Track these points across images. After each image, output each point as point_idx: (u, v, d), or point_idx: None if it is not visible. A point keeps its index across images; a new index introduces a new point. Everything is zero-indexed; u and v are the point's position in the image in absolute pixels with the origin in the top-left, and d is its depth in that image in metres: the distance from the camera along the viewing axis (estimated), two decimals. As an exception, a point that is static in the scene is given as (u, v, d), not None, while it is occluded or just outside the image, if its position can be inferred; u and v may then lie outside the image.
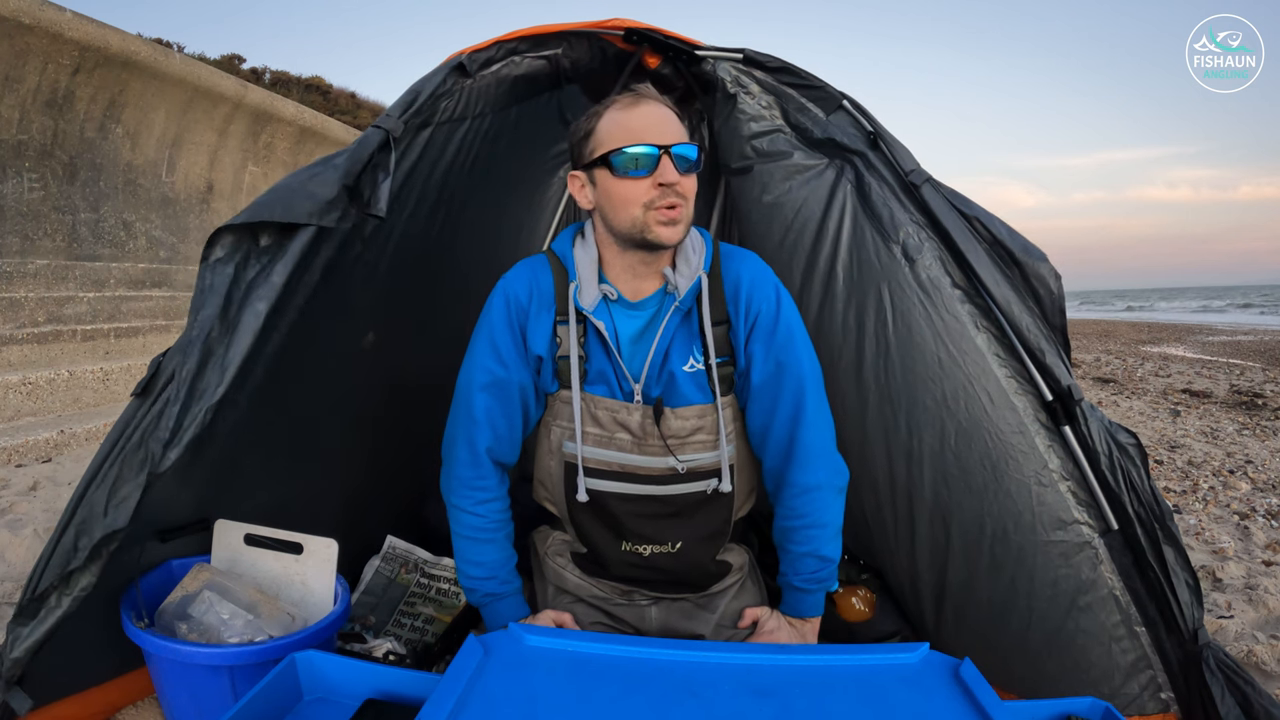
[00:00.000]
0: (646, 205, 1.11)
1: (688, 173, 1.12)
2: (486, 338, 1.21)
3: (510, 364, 1.20)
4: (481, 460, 1.22)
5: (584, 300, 1.17)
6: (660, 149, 1.09)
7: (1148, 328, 18.44)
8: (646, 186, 1.10)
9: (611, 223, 1.15)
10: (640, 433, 1.18)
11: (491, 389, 1.20)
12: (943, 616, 1.36)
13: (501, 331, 1.20)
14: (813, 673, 0.86)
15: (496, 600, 1.24)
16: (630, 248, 1.16)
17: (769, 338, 1.19)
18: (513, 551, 1.27)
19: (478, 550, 1.23)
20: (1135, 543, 1.14)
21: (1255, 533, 2.47)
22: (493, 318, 1.21)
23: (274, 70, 15.82)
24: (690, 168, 1.13)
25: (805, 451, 1.19)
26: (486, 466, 1.22)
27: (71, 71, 3.46)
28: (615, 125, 1.12)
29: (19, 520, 2.06)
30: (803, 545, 1.21)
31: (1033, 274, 1.21)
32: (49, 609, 1.00)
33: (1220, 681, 1.12)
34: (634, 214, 1.12)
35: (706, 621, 1.27)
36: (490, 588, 1.24)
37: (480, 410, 1.20)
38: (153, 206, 4.24)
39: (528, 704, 0.78)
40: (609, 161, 1.11)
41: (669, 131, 1.11)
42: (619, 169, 1.11)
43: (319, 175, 1.10)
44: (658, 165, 1.09)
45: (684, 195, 1.12)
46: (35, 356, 3.45)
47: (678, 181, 1.10)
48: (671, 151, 1.10)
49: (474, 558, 1.23)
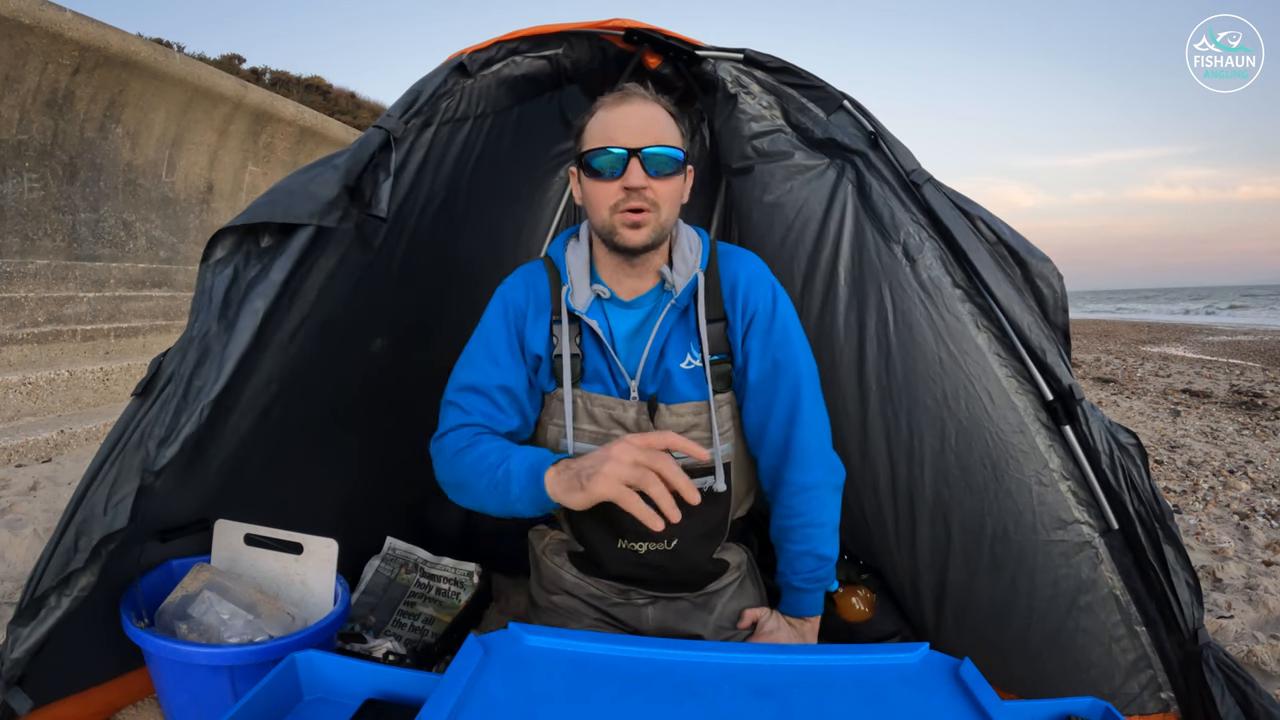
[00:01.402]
0: (612, 208, 1.11)
1: (663, 176, 1.11)
2: (484, 342, 1.21)
3: (506, 367, 1.19)
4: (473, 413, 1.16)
5: (576, 301, 1.18)
6: (629, 152, 1.08)
7: (1148, 328, 18.44)
8: (615, 189, 1.10)
9: (591, 221, 1.17)
10: (635, 429, 1.19)
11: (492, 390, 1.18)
12: (943, 616, 1.36)
13: (497, 334, 1.21)
14: (813, 673, 0.86)
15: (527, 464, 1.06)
16: (610, 249, 1.17)
17: (765, 335, 1.20)
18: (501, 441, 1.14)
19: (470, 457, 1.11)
20: (1135, 542, 1.14)
21: (1255, 533, 2.47)
22: (489, 322, 1.22)
23: (274, 70, 15.85)
24: (667, 170, 1.11)
25: (802, 450, 1.19)
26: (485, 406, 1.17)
27: (71, 71, 3.46)
28: (596, 125, 1.13)
29: (19, 520, 2.06)
30: (800, 544, 1.22)
31: (1035, 273, 1.21)
32: (49, 609, 1.00)
33: (1220, 681, 1.12)
34: (604, 216, 1.12)
35: (704, 622, 1.27)
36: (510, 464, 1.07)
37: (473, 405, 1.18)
38: (153, 206, 4.24)
39: (528, 704, 0.77)
40: (585, 161, 1.12)
41: (646, 133, 1.10)
42: (593, 170, 1.11)
43: (319, 176, 1.10)
44: (626, 168, 1.09)
45: (653, 200, 1.11)
46: (35, 356, 3.45)
47: (645, 186, 1.09)
48: (642, 154, 1.09)
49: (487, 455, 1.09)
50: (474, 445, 1.12)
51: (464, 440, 1.14)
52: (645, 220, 1.11)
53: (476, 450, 1.11)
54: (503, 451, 1.08)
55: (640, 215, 1.10)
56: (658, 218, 1.12)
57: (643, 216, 1.11)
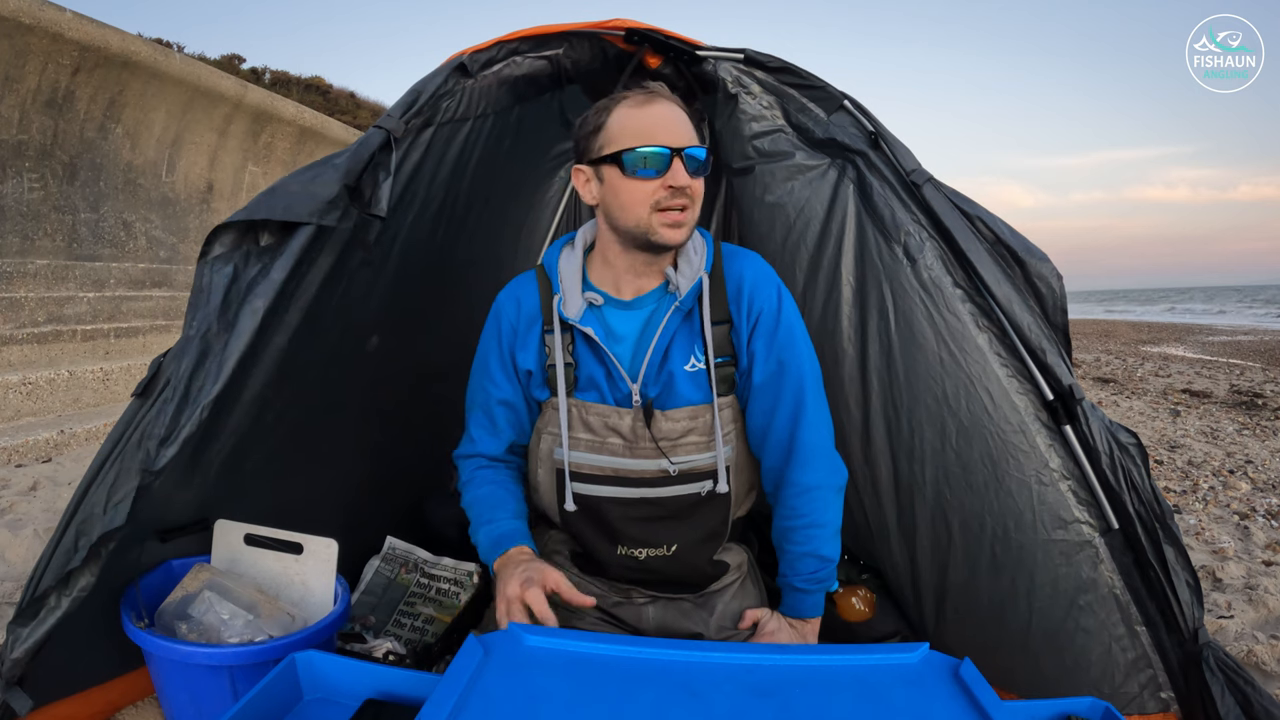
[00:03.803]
0: (654, 206, 1.11)
1: (697, 175, 1.13)
2: (482, 359, 1.28)
3: (500, 384, 1.26)
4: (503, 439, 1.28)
5: (568, 310, 1.18)
6: (672, 151, 1.09)
7: (1148, 328, 18.45)
8: (655, 187, 1.11)
9: (616, 220, 1.16)
10: (631, 436, 1.18)
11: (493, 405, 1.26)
12: (943, 616, 1.36)
13: (493, 352, 1.26)
14: (813, 673, 0.86)
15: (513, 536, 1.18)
16: (633, 247, 1.17)
17: (770, 337, 1.19)
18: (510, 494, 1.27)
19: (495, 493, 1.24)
20: (1136, 542, 1.14)
21: (1255, 533, 2.47)
22: (486, 340, 1.28)
23: (274, 70, 15.85)
24: (700, 170, 1.13)
25: (805, 451, 1.19)
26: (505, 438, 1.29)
27: (71, 71, 3.46)
28: (628, 122, 1.12)
29: (19, 520, 2.06)
30: (802, 545, 1.21)
31: (1035, 273, 1.22)
32: (49, 609, 1.00)
33: (1220, 681, 1.12)
34: (640, 214, 1.12)
35: (705, 622, 1.27)
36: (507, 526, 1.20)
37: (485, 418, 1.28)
38: (153, 206, 4.24)
39: (528, 704, 0.77)
40: (620, 160, 1.11)
41: (681, 133, 1.11)
42: (629, 168, 1.10)
43: (320, 175, 1.10)
44: (669, 167, 1.09)
45: (693, 198, 1.13)
46: (35, 356, 3.45)
47: (688, 184, 1.11)
48: (684, 154, 1.10)
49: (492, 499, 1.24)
50: (471, 485, 1.27)
51: (466, 473, 1.29)
52: (687, 219, 1.13)
53: (470, 494, 1.26)
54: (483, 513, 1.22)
55: (683, 214, 1.12)
56: (694, 216, 1.15)
57: (685, 215, 1.13)
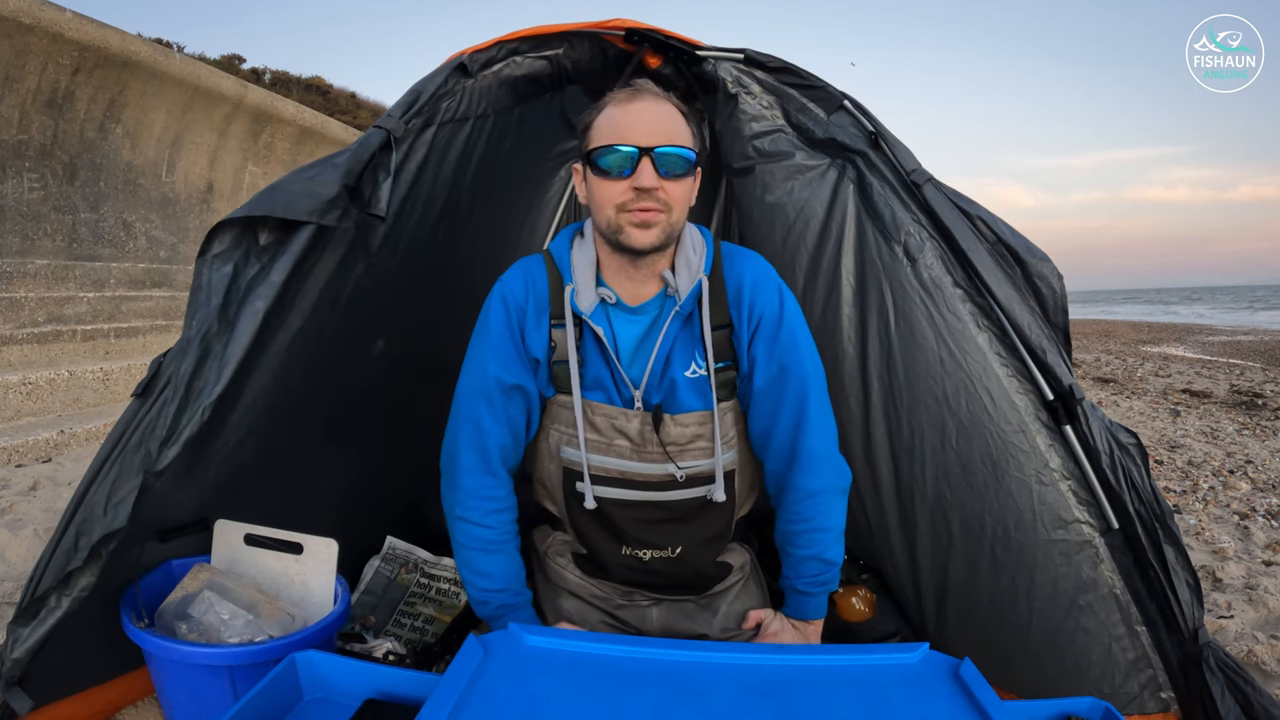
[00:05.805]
0: (619, 207, 1.08)
1: (673, 176, 1.08)
2: (487, 343, 1.18)
3: (513, 368, 1.17)
4: (494, 467, 1.18)
5: (581, 304, 1.14)
6: (641, 150, 1.05)
7: (1148, 328, 18.45)
8: (623, 188, 1.07)
9: (595, 220, 1.14)
10: (639, 440, 1.17)
11: (498, 394, 1.17)
12: (943, 616, 1.36)
13: (502, 335, 1.17)
14: (813, 673, 0.86)
15: (510, 612, 1.18)
16: (613, 249, 1.14)
17: (772, 340, 1.18)
18: (522, 562, 1.23)
19: (488, 561, 1.18)
20: (1136, 542, 1.14)
21: (1255, 533, 2.47)
22: (491, 322, 1.18)
23: (274, 70, 15.82)
24: (679, 171, 1.09)
25: (809, 455, 1.18)
26: (500, 475, 1.19)
27: (71, 71, 3.46)
28: (606, 121, 1.10)
29: (19, 520, 2.06)
30: (806, 549, 1.21)
31: (1035, 273, 1.21)
32: (49, 609, 1.00)
33: (1220, 681, 1.12)
34: (609, 214, 1.09)
35: (708, 622, 1.27)
36: (503, 599, 1.18)
37: (487, 416, 1.17)
38: (153, 206, 4.24)
39: (528, 704, 0.77)
40: (592, 159, 1.09)
41: (657, 131, 1.07)
42: (600, 167, 1.09)
43: (320, 174, 1.10)
44: (636, 167, 1.06)
45: (664, 201, 1.08)
46: (35, 356, 3.45)
47: (657, 186, 1.06)
48: (654, 154, 1.06)
49: (484, 569, 1.18)
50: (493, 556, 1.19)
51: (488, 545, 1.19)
52: (656, 221, 1.08)
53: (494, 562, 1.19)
54: (514, 594, 1.19)
55: (650, 215, 1.07)
56: (669, 219, 1.10)
57: (653, 216, 1.08)
